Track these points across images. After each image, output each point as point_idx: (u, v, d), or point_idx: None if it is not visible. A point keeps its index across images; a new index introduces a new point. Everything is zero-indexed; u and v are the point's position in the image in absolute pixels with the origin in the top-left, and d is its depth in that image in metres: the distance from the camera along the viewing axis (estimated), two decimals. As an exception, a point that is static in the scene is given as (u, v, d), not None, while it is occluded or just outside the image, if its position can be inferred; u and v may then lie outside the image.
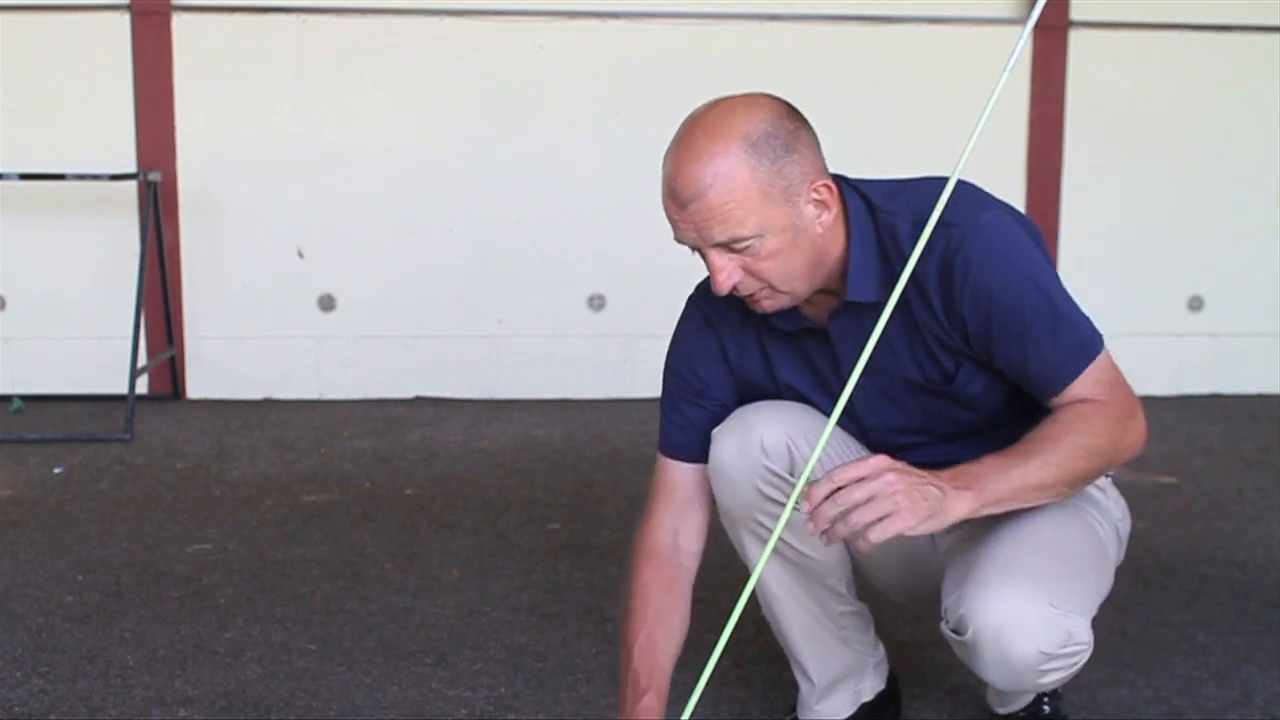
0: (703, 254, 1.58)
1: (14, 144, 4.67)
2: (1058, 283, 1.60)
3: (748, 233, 1.52)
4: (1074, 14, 4.95)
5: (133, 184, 4.75)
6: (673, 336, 1.83)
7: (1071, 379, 1.57)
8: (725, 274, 1.56)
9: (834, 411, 1.38)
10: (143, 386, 4.70)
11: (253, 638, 2.45)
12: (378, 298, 4.92)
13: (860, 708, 1.96)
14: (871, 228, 1.62)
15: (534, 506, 3.40)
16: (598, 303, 4.93)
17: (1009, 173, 4.94)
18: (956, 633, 1.56)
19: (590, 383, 4.88)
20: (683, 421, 1.80)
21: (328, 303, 4.91)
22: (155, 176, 4.57)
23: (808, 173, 1.55)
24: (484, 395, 4.94)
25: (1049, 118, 4.98)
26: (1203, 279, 5.13)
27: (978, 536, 1.62)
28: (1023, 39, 1.37)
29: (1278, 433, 4.43)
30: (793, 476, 1.73)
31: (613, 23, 4.84)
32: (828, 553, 1.82)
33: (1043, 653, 1.51)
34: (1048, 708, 2.01)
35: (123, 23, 4.72)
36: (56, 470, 3.76)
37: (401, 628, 2.51)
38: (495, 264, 4.90)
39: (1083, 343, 1.57)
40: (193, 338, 4.89)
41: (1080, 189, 5.02)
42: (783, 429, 1.73)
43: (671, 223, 1.57)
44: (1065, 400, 1.57)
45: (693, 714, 1.44)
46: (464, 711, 2.14)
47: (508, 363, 4.95)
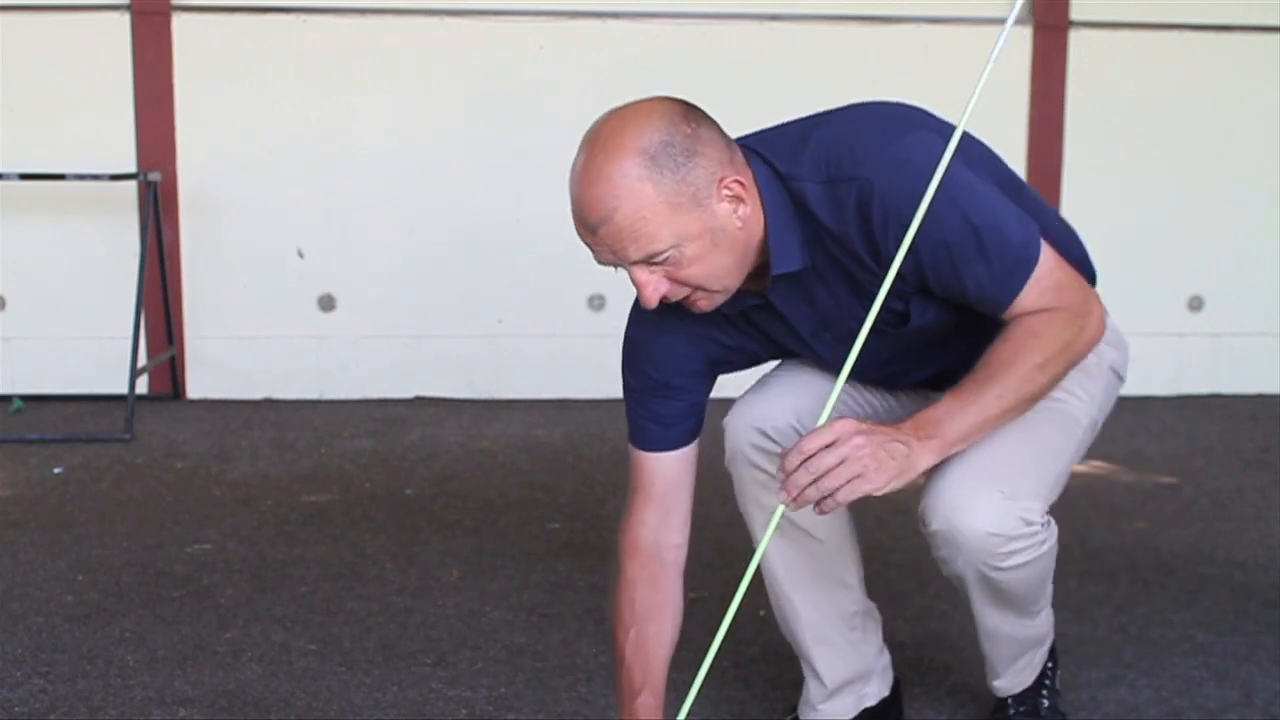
0: (626, 271, 1.55)
1: (14, 144, 4.67)
2: (983, 195, 1.56)
3: (663, 246, 1.49)
4: (1074, 14, 4.94)
5: (133, 184, 4.75)
6: (628, 336, 1.79)
7: (1013, 297, 1.56)
8: (651, 288, 1.54)
9: (832, 394, 1.43)
10: (143, 386, 4.70)
11: (253, 638, 2.45)
12: (378, 298, 4.92)
13: (862, 712, 1.96)
14: (785, 198, 1.59)
15: (534, 506, 3.40)
16: (598, 303, 4.93)
17: (1009, 173, 4.93)
18: (925, 527, 1.65)
19: (590, 383, 4.87)
20: (653, 415, 1.78)
21: (328, 302, 4.91)
22: (155, 176, 4.57)
23: (714, 172, 1.51)
24: (484, 395, 4.94)
25: (1049, 118, 4.98)
26: (1203, 279, 5.13)
27: None
28: (1004, 33, 1.40)
29: (1278, 433, 4.43)
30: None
31: (613, 23, 4.84)
32: (830, 533, 1.85)
33: (992, 534, 1.59)
34: (1046, 701, 2.00)
35: (123, 23, 4.72)
36: (56, 470, 3.76)
37: (401, 628, 2.51)
38: (495, 264, 4.90)
39: (1017, 259, 1.55)
40: (193, 337, 4.89)
41: (1080, 189, 5.01)
42: (784, 405, 1.78)
43: (587, 245, 1.55)
44: (1014, 314, 1.57)
45: (693, 714, 1.44)
46: (464, 711, 2.14)
47: (508, 363, 4.95)
